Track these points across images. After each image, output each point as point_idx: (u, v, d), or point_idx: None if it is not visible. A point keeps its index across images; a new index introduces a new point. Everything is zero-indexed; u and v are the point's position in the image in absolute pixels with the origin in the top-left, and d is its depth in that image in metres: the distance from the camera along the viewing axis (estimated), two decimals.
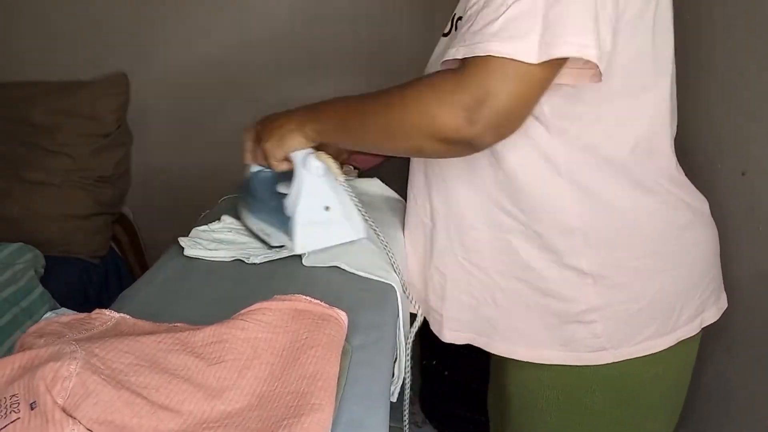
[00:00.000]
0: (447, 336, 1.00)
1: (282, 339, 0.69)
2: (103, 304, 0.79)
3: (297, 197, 0.95)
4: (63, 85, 1.93)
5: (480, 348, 0.99)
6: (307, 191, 0.94)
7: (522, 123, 0.77)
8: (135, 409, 0.58)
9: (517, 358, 0.94)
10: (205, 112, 2.04)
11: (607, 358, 0.90)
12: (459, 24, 0.85)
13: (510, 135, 0.76)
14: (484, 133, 0.73)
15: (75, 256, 1.85)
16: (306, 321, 0.71)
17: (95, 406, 0.56)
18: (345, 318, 0.75)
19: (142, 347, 0.64)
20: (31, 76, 1.99)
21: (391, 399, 0.95)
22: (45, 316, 0.74)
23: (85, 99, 1.90)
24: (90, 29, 1.97)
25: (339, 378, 0.67)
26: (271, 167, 0.97)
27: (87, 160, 1.90)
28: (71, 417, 0.55)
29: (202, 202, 1.34)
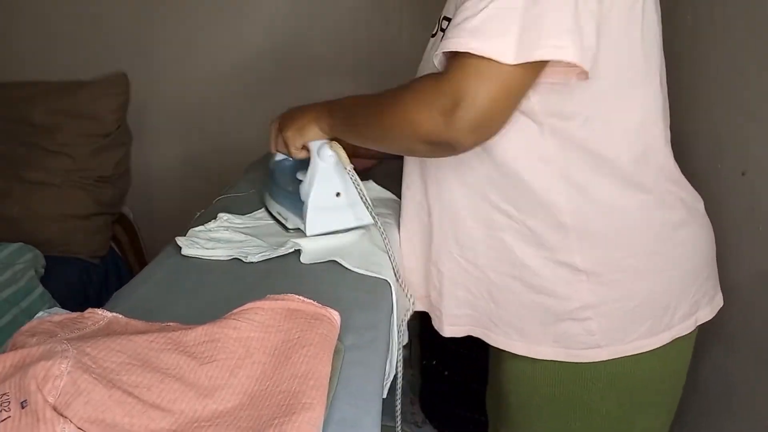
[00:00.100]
0: (446, 331, 1.01)
1: (274, 338, 0.69)
2: (103, 304, 0.80)
3: (311, 184, 1.02)
4: (63, 85, 1.93)
5: (480, 348, 0.99)
6: (320, 178, 1.01)
7: (503, 124, 0.76)
8: (126, 408, 0.58)
9: (514, 351, 0.95)
10: (205, 112, 2.04)
11: (602, 355, 0.90)
12: (446, 24, 0.86)
13: (492, 136, 0.77)
14: (462, 135, 0.74)
15: (75, 256, 1.85)
16: (298, 320, 0.71)
17: (86, 404, 0.56)
18: (337, 317, 0.75)
19: (134, 346, 0.64)
20: (31, 76, 2.00)
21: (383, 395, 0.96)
22: (37, 315, 0.74)
23: (85, 99, 1.90)
24: (90, 29, 1.98)
25: (331, 377, 0.67)
26: (291, 155, 1.05)
27: (87, 160, 1.90)
28: (62, 416, 0.55)
29: (201, 202, 1.34)
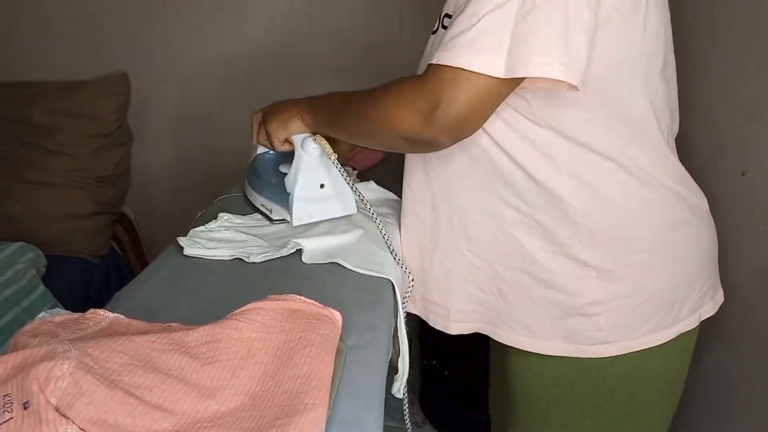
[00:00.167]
0: (454, 328, 1.02)
1: (276, 339, 0.69)
2: (104, 303, 0.80)
3: (295, 175, 1.04)
4: (63, 85, 1.93)
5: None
6: (305, 170, 1.04)
7: (479, 126, 0.81)
8: (128, 409, 0.58)
9: (521, 347, 0.95)
10: (205, 112, 2.04)
11: (610, 351, 0.91)
12: (447, 21, 0.86)
13: (467, 135, 0.81)
14: (438, 135, 0.79)
15: (76, 255, 1.85)
16: (300, 321, 0.71)
17: (88, 405, 0.56)
18: (339, 318, 0.75)
19: (135, 347, 0.64)
20: (31, 76, 1.99)
21: (397, 395, 0.97)
22: (39, 315, 0.74)
23: (85, 99, 1.90)
24: (90, 29, 1.97)
25: (333, 377, 0.67)
26: (274, 148, 1.08)
27: (87, 160, 1.90)
28: (64, 417, 0.55)
29: (201, 202, 1.34)
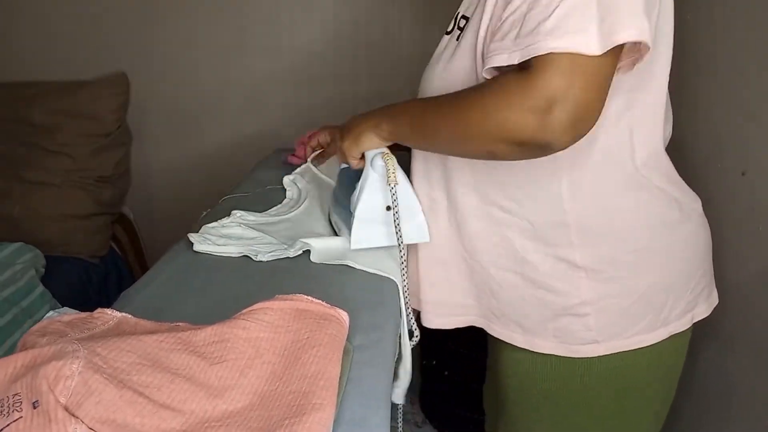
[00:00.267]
0: (452, 322, 1.02)
1: (283, 338, 0.70)
2: (104, 304, 0.79)
3: (360, 194, 0.97)
4: (63, 85, 1.93)
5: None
6: (369, 190, 0.95)
7: (597, 117, 0.73)
8: (137, 408, 0.58)
9: (514, 343, 0.96)
10: (205, 112, 2.04)
11: (600, 350, 0.91)
12: (464, 23, 0.86)
13: (587, 132, 0.73)
14: (559, 135, 0.71)
15: (75, 256, 1.85)
16: (308, 320, 0.71)
17: (98, 405, 0.56)
18: (346, 318, 0.75)
19: (143, 346, 0.64)
20: (31, 76, 1.99)
21: (397, 401, 0.96)
22: (47, 315, 0.74)
23: (85, 99, 1.89)
24: (90, 29, 1.97)
25: (340, 377, 0.67)
26: (350, 165, 1.00)
27: (87, 160, 1.89)
28: (74, 416, 0.55)
29: (202, 202, 1.35)
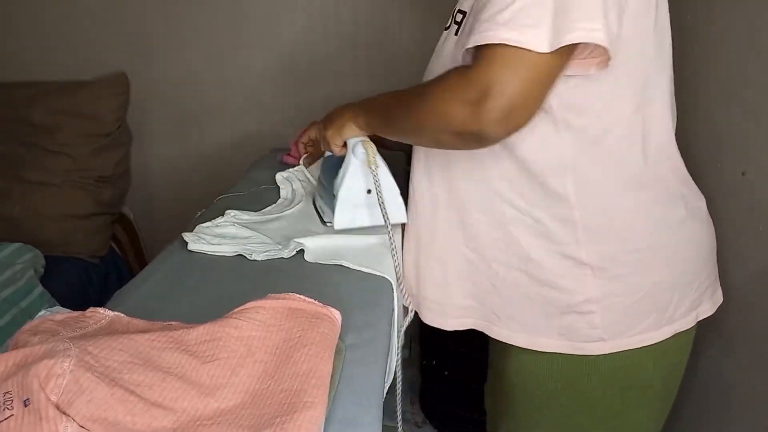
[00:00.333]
0: (450, 324, 1.02)
1: (275, 337, 0.70)
2: (103, 304, 0.79)
3: (342, 179, 1.03)
4: (63, 85, 1.93)
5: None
6: (351, 174, 1.02)
7: (533, 114, 0.75)
8: (128, 407, 0.58)
9: (517, 344, 0.96)
10: (205, 112, 2.04)
11: (605, 348, 0.91)
12: (460, 17, 0.86)
13: (520, 128, 0.76)
14: (491, 126, 0.73)
15: (75, 256, 1.85)
16: (300, 319, 0.71)
17: (89, 403, 0.57)
18: (339, 316, 0.75)
19: (135, 345, 0.64)
20: (31, 76, 2.00)
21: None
22: (39, 314, 0.75)
23: (85, 99, 1.90)
24: (90, 29, 1.97)
25: (332, 376, 0.68)
26: (333, 152, 1.08)
27: (87, 160, 1.90)
28: (65, 414, 0.55)
29: (201, 202, 1.34)
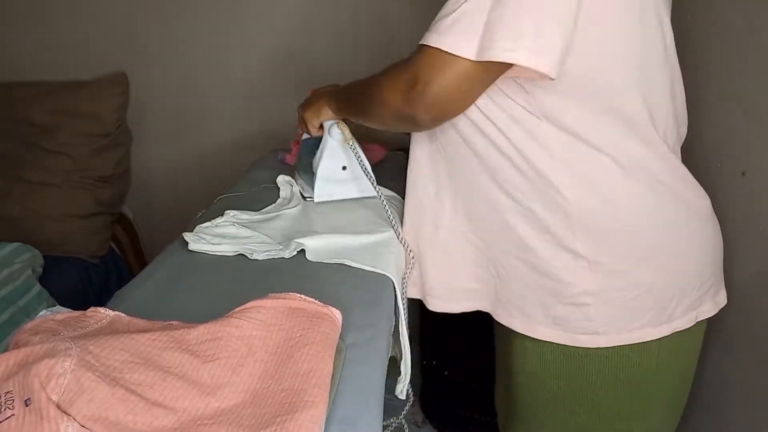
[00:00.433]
0: (458, 307, 1.04)
1: (276, 337, 0.70)
2: (103, 304, 0.79)
3: (320, 157, 1.16)
4: (63, 85, 1.93)
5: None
6: (328, 153, 1.15)
7: (460, 108, 0.85)
8: (129, 406, 0.58)
9: (516, 329, 0.97)
10: (205, 112, 2.04)
11: (600, 342, 0.91)
12: None
13: (449, 117, 0.87)
14: (418, 112, 0.83)
15: (75, 256, 1.85)
16: (300, 319, 0.71)
17: (90, 402, 0.57)
18: (339, 316, 0.75)
19: (136, 345, 0.64)
20: (31, 76, 2.00)
21: (401, 396, 0.99)
22: (40, 313, 0.75)
23: (85, 99, 1.90)
24: (90, 29, 1.97)
25: (333, 375, 0.68)
26: (311, 134, 1.19)
27: (87, 160, 1.90)
28: (66, 414, 0.55)
29: (201, 202, 1.34)
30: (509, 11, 0.74)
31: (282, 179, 1.29)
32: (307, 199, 1.20)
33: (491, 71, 0.80)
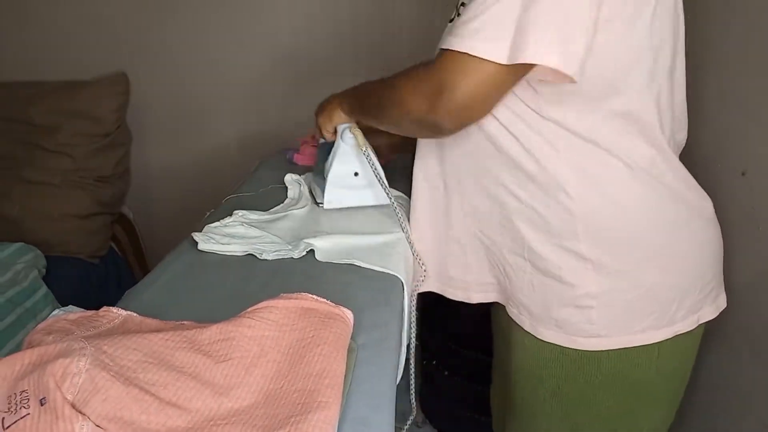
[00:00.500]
0: (475, 297, 1.06)
1: (288, 337, 0.70)
2: (103, 304, 0.79)
3: (331, 162, 1.13)
4: (63, 85, 1.93)
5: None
6: (340, 158, 1.11)
7: (485, 112, 0.84)
8: (143, 406, 0.59)
9: (522, 325, 0.98)
10: (205, 112, 2.04)
11: (602, 344, 0.92)
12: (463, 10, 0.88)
13: (473, 122, 0.86)
14: (443, 119, 0.82)
15: (75, 256, 1.85)
16: (312, 319, 0.72)
17: (104, 402, 0.57)
18: (351, 316, 0.75)
19: (149, 344, 0.65)
20: (31, 76, 1.99)
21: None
22: (53, 313, 0.75)
23: (85, 99, 1.90)
24: (90, 29, 1.97)
25: (345, 376, 0.68)
26: (325, 138, 1.17)
27: (87, 160, 1.90)
28: (80, 413, 0.55)
29: (201, 202, 1.35)
30: (541, 15, 0.74)
31: (290, 178, 1.29)
32: (320, 205, 1.17)
33: (517, 74, 0.80)
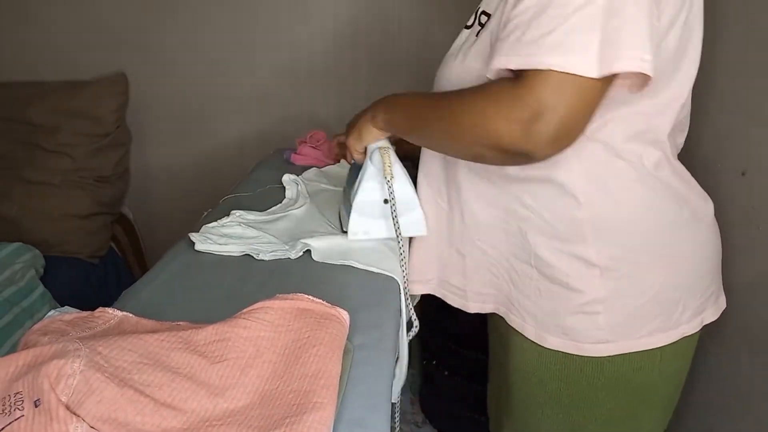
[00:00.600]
0: (472, 307, 1.03)
1: (284, 338, 0.70)
2: (103, 304, 0.79)
3: (358, 187, 0.98)
4: (63, 85, 1.93)
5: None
6: (367, 183, 0.97)
7: (580, 135, 0.76)
8: (138, 407, 0.59)
9: (527, 335, 0.96)
10: (205, 112, 2.04)
11: (610, 350, 0.91)
12: (485, 19, 0.86)
13: (568, 147, 0.76)
14: (540, 147, 0.74)
15: (74, 256, 1.85)
16: (308, 320, 0.72)
17: (99, 403, 0.57)
18: (347, 317, 0.75)
19: (145, 345, 0.65)
20: (31, 76, 2.00)
21: (393, 399, 0.96)
22: (48, 314, 0.75)
23: (85, 99, 1.90)
24: (90, 29, 1.97)
25: (341, 377, 0.68)
26: (356, 160, 1.04)
27: (87, 160, 1.90)
28: (75, 414, 0.55)
29: (201, 202, 1.35)
30: (628, 21, 0.71)
31: (287, 178, 1.28)
32: (345, 233, 1.03)
33: (605, 86, 0.75)
